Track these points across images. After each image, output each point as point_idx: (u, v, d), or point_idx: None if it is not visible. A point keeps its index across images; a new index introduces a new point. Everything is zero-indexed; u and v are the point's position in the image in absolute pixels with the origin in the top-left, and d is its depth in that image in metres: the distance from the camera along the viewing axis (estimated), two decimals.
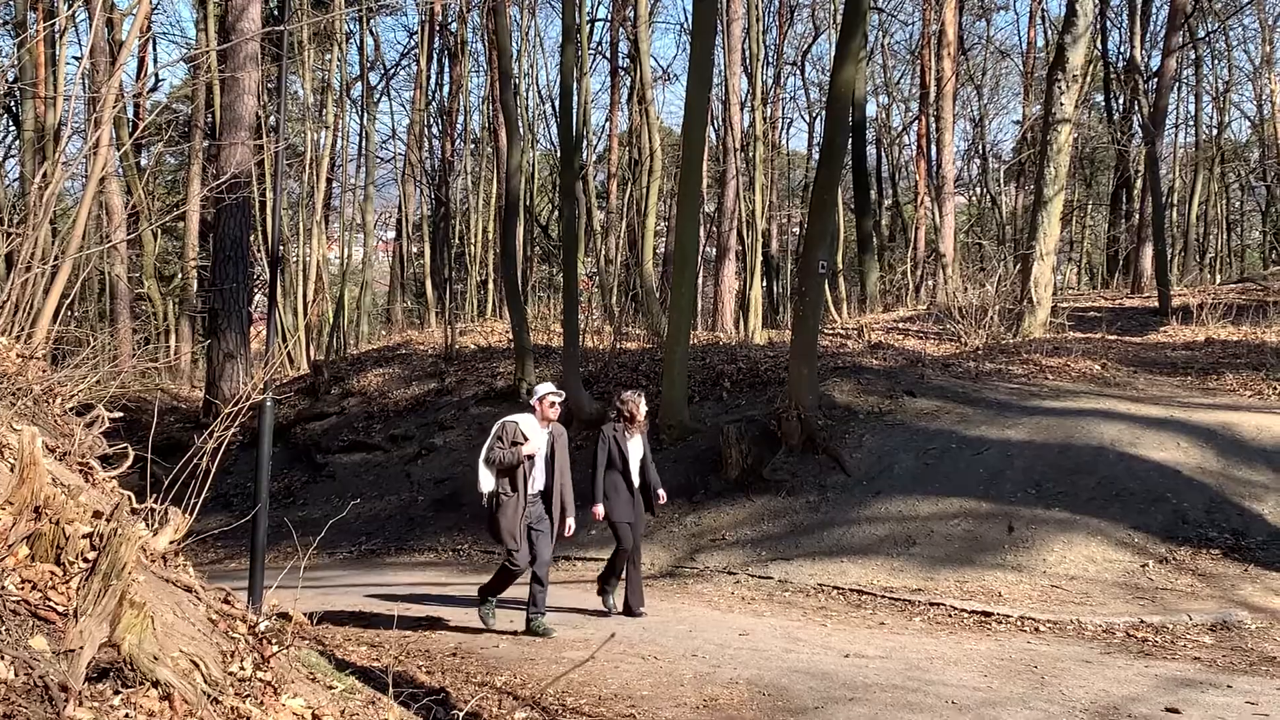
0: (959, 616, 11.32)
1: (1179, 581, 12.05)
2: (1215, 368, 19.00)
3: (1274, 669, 9.14)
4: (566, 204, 22.16)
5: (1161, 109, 33.52)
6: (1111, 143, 40.86)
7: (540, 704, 7.78)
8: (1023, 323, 22.20)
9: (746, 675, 8.68)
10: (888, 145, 46.79)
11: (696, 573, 13.83)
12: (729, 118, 34.00)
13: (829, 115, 17.44)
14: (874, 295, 32.66)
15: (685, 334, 18.34)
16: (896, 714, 7.68)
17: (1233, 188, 51.08)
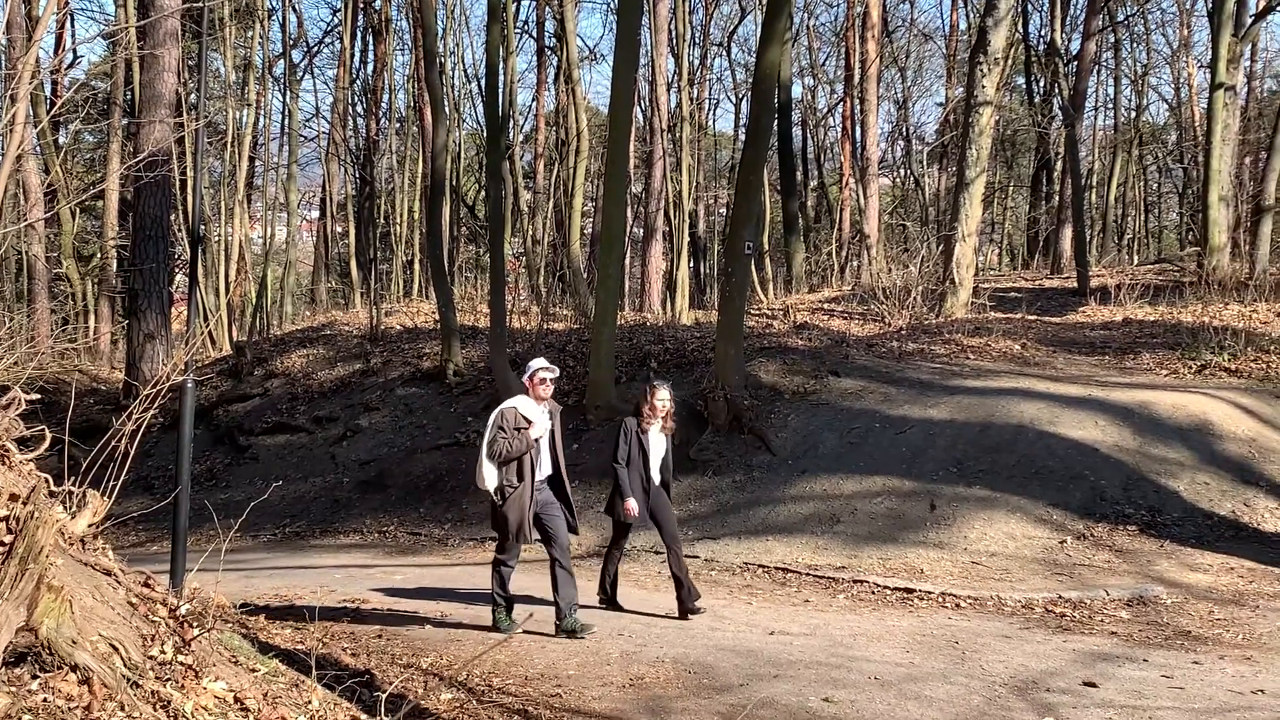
0: (882, 593, 11.46)
1: (1096, 557, 12.28)
2: (1133, 347, 19.33)
3: (1189, 643, 9.34)
4: (493, 184, 22.07)
5: (1081, 92, 34.01)
6: (1032, 125, 41.32)
7: (466, 685, 7.78)
8: (945, 303, 22.44)
9: (673, 654, 8.73)
10: (813, 127, 47.01)
11: (624, 552, 13.84)
12: (656, 98, 34.00)
13: (754, 96, 17.50)
14: (800, 276, 32.84)
15: (612, 315, 18.35)
16: (820, 690, 7.77)
17: (1150, 170, 51.90)
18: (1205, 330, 19.25)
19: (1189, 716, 7.32)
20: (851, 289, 28.62)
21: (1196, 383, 17.01)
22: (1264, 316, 21.06)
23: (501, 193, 21.72)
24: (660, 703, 7.51)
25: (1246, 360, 17.76)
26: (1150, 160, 50.89)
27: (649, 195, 34.28)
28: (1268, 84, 47.07)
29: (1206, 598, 10.83)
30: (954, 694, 7.74)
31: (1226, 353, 18.03)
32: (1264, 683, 8.06)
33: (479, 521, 16.03)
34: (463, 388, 21.20)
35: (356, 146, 45.40)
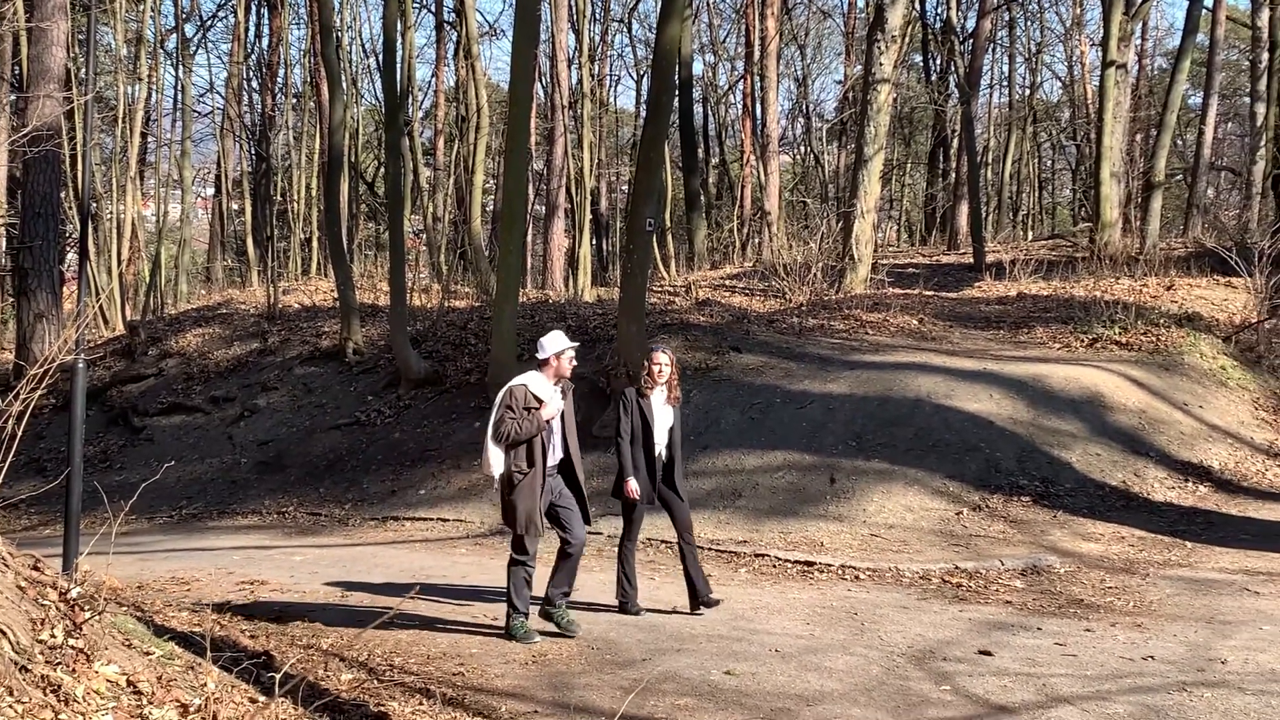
0: (783, 567, 11.55)
1: (992, 528, 12.49)
2: (1027, 321, 19.67)
3: (1081, 611, 9.54)
4: (391, 160, 21.82)
5: (977, 70, 34.47)
6: (929, 103, 41.86)
7: (367, 665, 7.73)
8: (845, 279, 22.64)
9: (577, 630, 8.73)
10: (714, 104, 47.13)
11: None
12: (557, 75, 33.84)
13: (654, 73, 17.49)
14: (702, 253, 32.96)
15: (514, 292, 18.25)
16: (722, 663, 7.83)
17: (1044, 147, 52.79)
18: (1097, 304, 19.64)
19: (1082, 683, 7.47)
20: (753, 265, 28.77)
21: (1088, 356, 17.36)
22: (1154, 290, 21.56)
23: (401, 169, 21.50)
24: (563, 679, 7.52)
25: (1137, 334, 18.15)
26: (1044, 137, 51.77)
27: (551, 172, 34.16)
28: (1158, 62, 48.07)
29: (1098, 566, 11.06)
30: (853, 664, 7.84)
31: (1117, 326, 18.42)
32: (1154, 649, 8.26)
33: (380, 501, 15.93)
34: (362, 366, 20.99)
35: (252, 122, 44.67)
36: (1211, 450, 14.91)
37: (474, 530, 14.09)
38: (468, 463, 16.28)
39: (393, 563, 12.08)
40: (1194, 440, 15.03)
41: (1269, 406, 16.88)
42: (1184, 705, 7.01)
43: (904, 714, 6.87)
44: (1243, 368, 17.75)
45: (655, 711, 6.86)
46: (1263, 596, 9.81)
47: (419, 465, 16.81)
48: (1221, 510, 13.08)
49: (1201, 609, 9.44)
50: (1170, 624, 8.99)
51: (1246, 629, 8.78)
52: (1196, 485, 13.91)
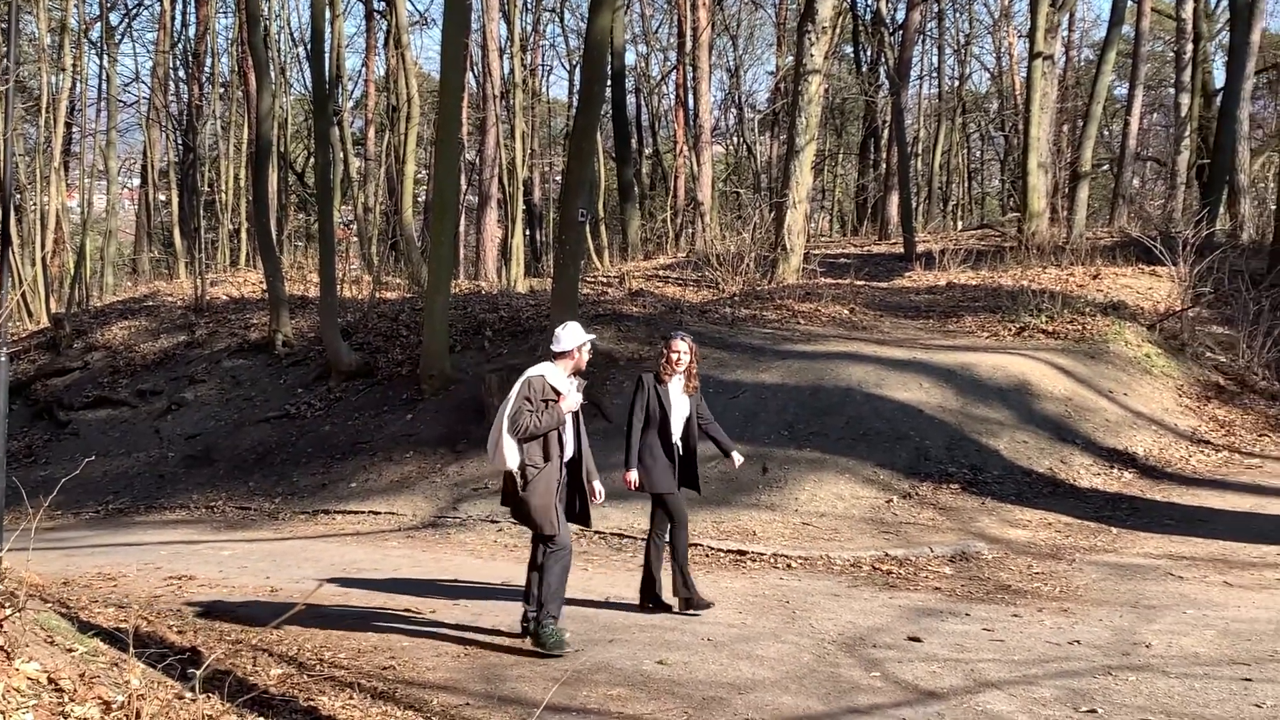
0: (715, 556, 11.58)
1: (921, 515, 12.60)
2: (956, 311, 19.87)
3: (1009, 597, 9.64)
4: (321, 150, 21.61)
5: (906, 61, 34.68)
6: (860, 93, 42.09)
7: (297, 660, 7.67)
8: (777, 269, 22.73)
9: (508, 621, 8.72)
10: (647, 94, 47.14)
11: (459, 522, 13.77)
12: (488, 64, 33.70)
13: (586, 63, 17.44)
14: (635, 243, 32.95)
15: (446, 283, 18.16)
16: (654, 652, 7.84)
17: (973, 137, 53.31)
18: (1024, 293, 19.87)
19: (1009, 668, 7.56)
20: (686, 256, 28.82)
21: (1016, 344, 17.57)
22: (1080, 279, 21.84)
23: (330, 159, 21.30)
24: (495, 671, 7.50)
25: (1063, 322, 18.40)
26: (973, 128, 52.26)
27: (483, 162, 34.00)
28: (1085, 53, 48.67)
29: (1026, 552, 11.19)
30: (784, 652, 7.88)
31: (1044, 315, 18.65)
32: (1080, 633, 8.36)
33: (310, 494, 15.79)
34: (292, 359, 20.80)
35: (179, 112, 44.07)
36: (1136, 437, 15.14)
37: (406, 523, 14.01)
38: (400, 455, 16.19)
39: (323, 556, 11.98)
40: (1119, 427, 15.26)
41: (1192, 394, 17.17)
42: (1109, 689, 7.11)
43: (834, 701, 6.92)
44: (1167, 355, 18.04)
45: (587, 702, 6.85)
46: (1186, 581, 9.96)
47: (350, 458, 16.70)
48: (1146, 496, 13.28)
49: (1126, 594, 9.58)
50: (1096, 609, 9.11)
51: (1170, 613, 8.92)
52: (1122, 471, 14.12)
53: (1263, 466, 14.61)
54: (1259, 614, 8.82)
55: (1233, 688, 7.10)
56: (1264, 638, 8.17)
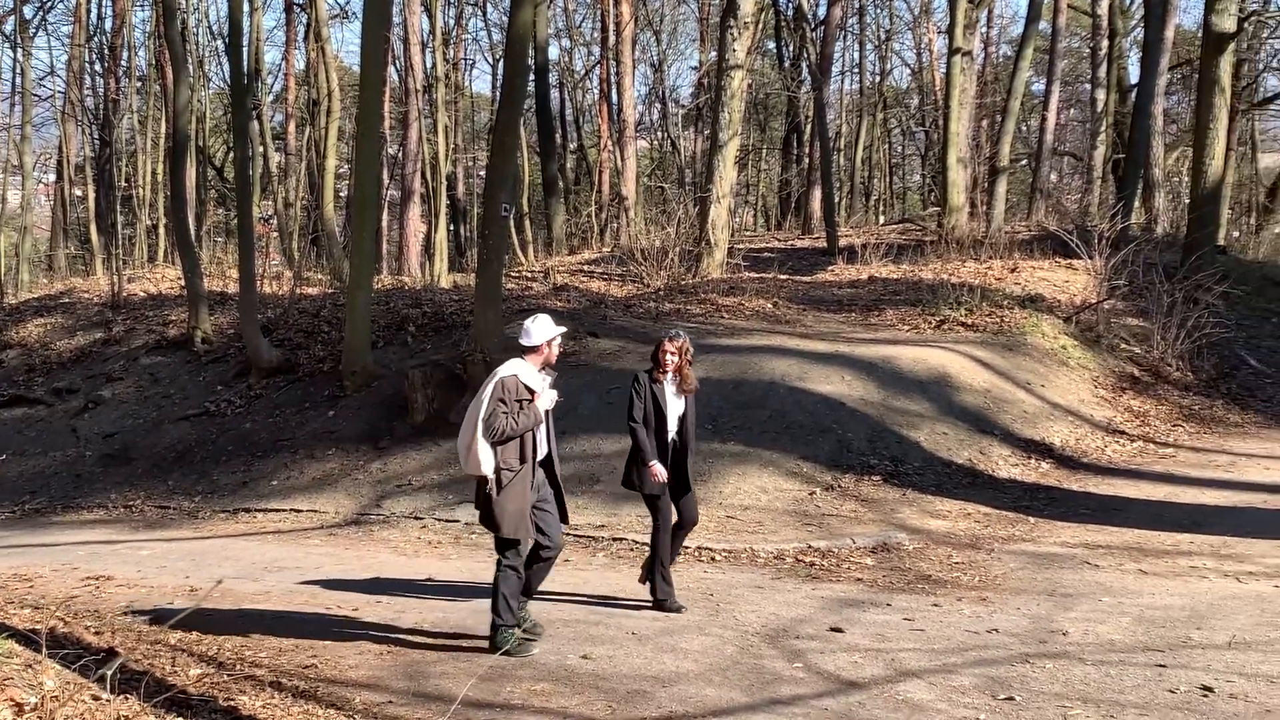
0: (641, 550, 11.58)
1: (844, 507, 12.70)
2: (877, 304, 20.05)
3: (929, 587, 9.76)
4: (239, 145, 21.34)
5: (828, 56, 34.87)
6: (783, 89, 42.27)
7: (217, 659, 7.58)
8: (701, 264, 22.78)
9: (432, 618, 8.70)
10: (571, 89, 47.00)
11: (383, 519, 13.69)
12: (410, 58, 33.47)
13: (508, 57, 17.41)
14: (560, 238, 32.91)
15: (368, 278, 18.04)
16: (579, 647, 7.85)
17: (895, 133, 53.76)
18: (944, 287, 20.09)
19: (929, 657, 7.65)
20: (611, 250, 28.82)
21: (936, 337, 17.76)
22: (998, 273, 22.12)
23: (249, 154, 21.06)
24: (419, 668, 7.47)
25: (982, 315, 18.63)
26: (894, 123, 52.72)
27: (406, 157, 33.78)
28: (1003, 49, 49.25)
29: (945, 543, 11.33)
30: (708, 645, 7.92)
31: (963, 308, 18.87)
32: (998, 622, 8.49)
33: (231, 492, 15.62)
34: (211, 355, 20.55)
35: (95, 106, 43.32)
36: (1053, 428, 15.37)
37: (328, 521, 13.90)
38: (322, 452, 16.06)
39: (244, 555, 11.87)
40: (1037, 418, 15.48)
41: (1108, 385, 17.47)
42: (1027, 676, 7.22)
43: (757, 692, 6.97)
44: (1083, 347, 18.33)
45: (511, 698, 6.85)
46: (1102, 569, 10.14)
47: (271, 455, 16.53)
48: (1063, 486, 13.50)
49: (1044, 582, 9.73)
50: (1014, 597, 9.25)
51: (1086, 601, 9.07)
52: (1039, 462, 14.34)
53: (1176, 456, 14.90)
54: (1173, 601, 9.00)
55: (1147, 674, 7.24)
56: (1177, 624, 8.33)
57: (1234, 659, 7.50)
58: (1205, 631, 8.13)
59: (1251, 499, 12.64)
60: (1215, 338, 19.04)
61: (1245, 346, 20.40)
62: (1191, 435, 16.12)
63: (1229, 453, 15.03)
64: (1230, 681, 7.05)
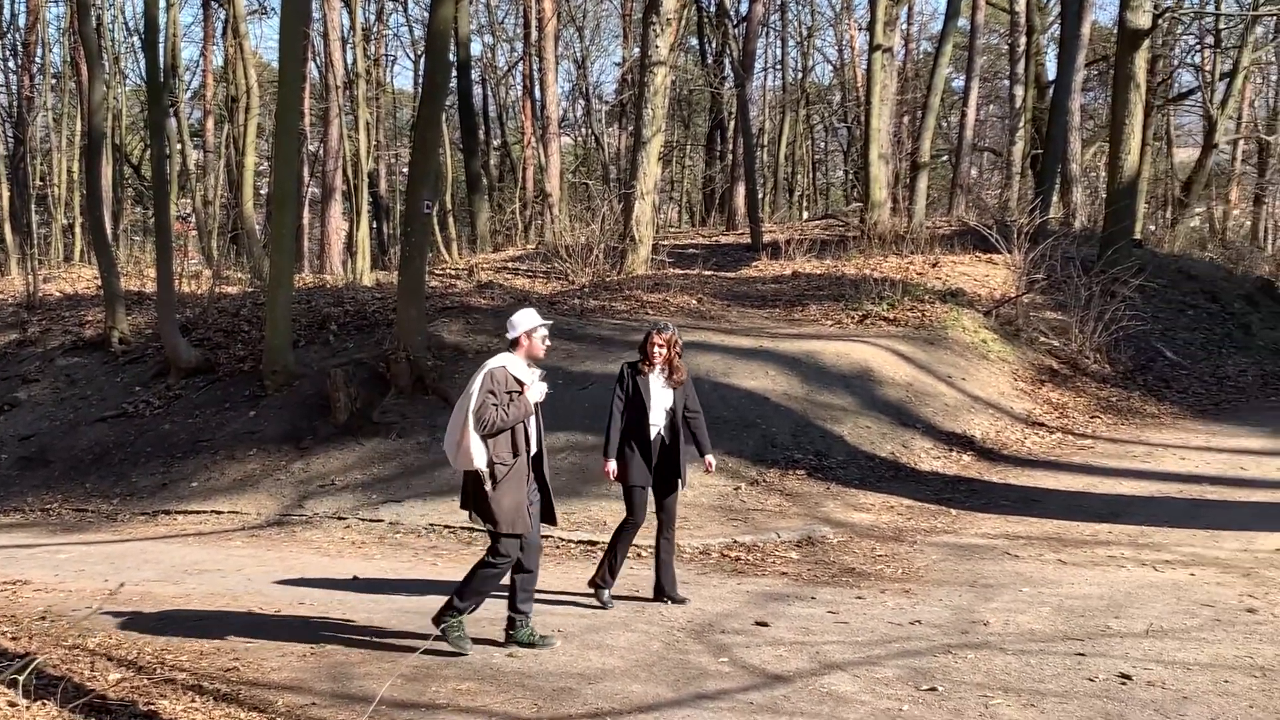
0: (567, 548, 11.60)
1: (769, 502, 12.77)
2: (801, 300, 20.17)
3: (853, 579, 9.84)
4: (156, 142, 20.99)
5: (751, 53, 35.03)
6: (706, 85, 42.39)
7: (136, 663, 7.47)
8: (626, 260, 22.78)
9: (356, 619, 8.63)
10: (494, 85, 46.81)
11: (306, 520, 13.55)
12: (330, 55, 33.14)
13: (430, 53, 17.32)
14: (484, 235, 32.76)
15: (288, 277, 17.85)
16: (504, 646, 7.82)
17: (817, 129, 54.09)
18: (867, 282, 20.27)
19: (853, 649, 7.72)
20: (535, 247, 28.73)
21: (859, 332, 17.91)
22: (920, 268, 22.34)
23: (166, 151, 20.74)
24: (342, 669, 7.40)
25: (903, 309, 18.81)
26: (817, 120, 53.05)
27: (327, 154, 33.51)
28: (923, 46, 49.73)
29: (869, 535, 11.43)
30: (634, 641, 7.93)
31: (885, 303, 19.05)
32: (921, 613, 8.58)
33: (150, 494, 15.39)
34: (129, 356, 20.21)
35: (9, 104, 42.53)
36: (974, 420, 15.57)
37: (250, 522, 13.73)
38: (243, 453, 15.86)
39: (164, 558, 11.69)
40: (958, 411, 15.67)
41: (1027, 377, 17.71)
42: (949, 667, 7.31)
43: (683, 688, 6.98)
44: (1003, 341, 18.57)
45: (436, 698, 6.81)
46: (1022, 560, 10.28)
47: (191, 457, 16.29)
48: (984, 478, 13.67)
49: (965, 573, 9.85)
50: (936, 589, 9.35)
51: (1007, 591, 9.20)
52: (960, 454, 14.51)
53: (1094, 447, 15.15)
54: (1091, 590, 9.15)
55: (1067, 662, 7.35)
56: (1096, 613, 8.47)
57: (1151, 647, 7.64)
58: (1123, 620, 8.28)
59: (1167, 489, 12.89)
60: (1132, 330, 19.38)
61: (1161, 339, 20.79)
62: (1109, 426, 16.40)
63: (1146, 443, 15.31)
64: (1148, 669, 7.18)
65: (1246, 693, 6.75)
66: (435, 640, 7.58)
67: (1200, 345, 21.54)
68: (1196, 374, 19.90)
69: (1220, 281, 25.75)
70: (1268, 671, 7.11)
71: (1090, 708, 6.55)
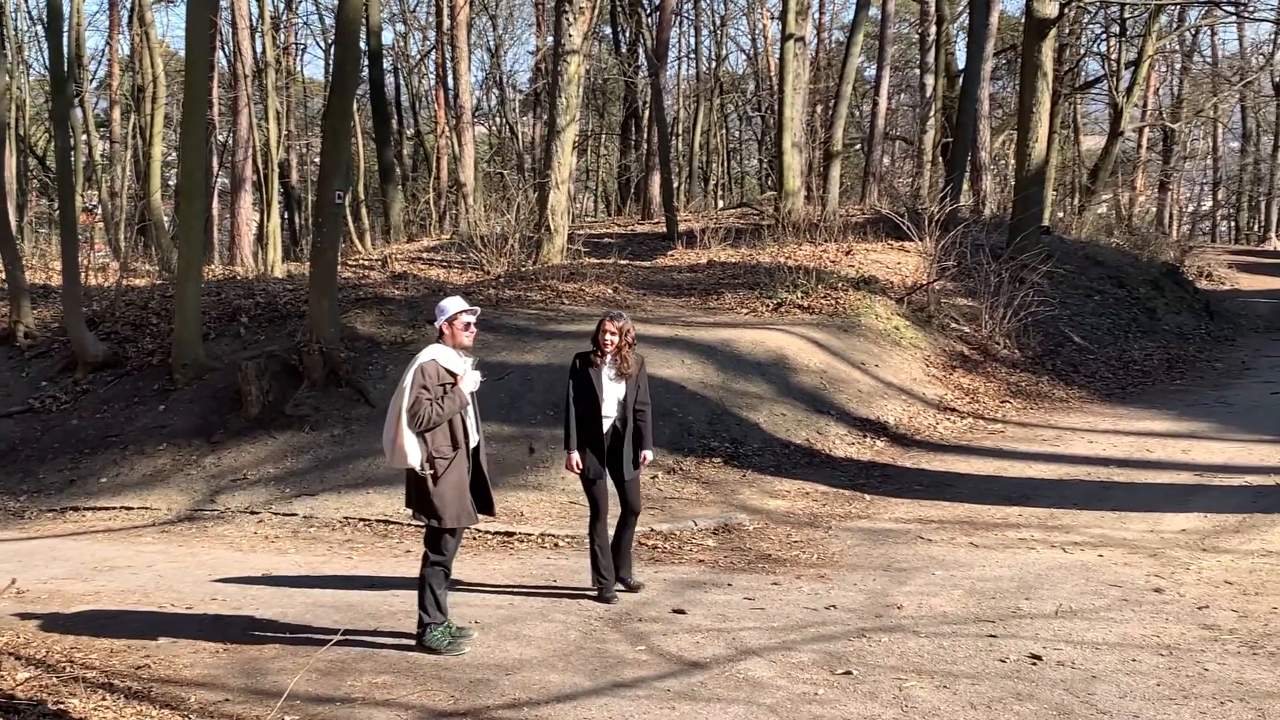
0: (483, 539, 11.54)
1: (686, 490, 12.83)
2: (716, 288, 20.24)
3: (769, 566, 9.91)
4: (60, 133, 20.58)
5: (664, 42, 35.09)
6: (620, 74, 42.38)
7: (45, 662, 7.34)
8: (542, 250, 22.71)
9: (269, 614, 8.53)
10: (406, 74, 46.43)
11: (218, 515, 13.37)
12: (238, 43, 32.66)
13: (339, 42, 17.14)
14: (398, 225, 32.52)
15: (197, 268, 17.59)
16: None
17: (732, 118, 54.36)
18: (781, 270, 20.38)
19: (769, 635, 7.77)
20: (450, 238, 28.57)
21: (774, 320, 18.02)
22: (833, 255, 22.53)
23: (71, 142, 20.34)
24: (256, 665, 7.32)
25: (817, 297, 18.96)
26: (731, 109, 53.29)
27: (236, 144, 33.02)
28: (835, 35, 50.14)
29: (785, 522, 11.51)
30: (552, 631, 7.93)
31: (800, 291, 19.18)
32: (835, 598, 8.67)
33: (58, 491, 15.10)
34: (35, 350, 19.80)
35: None
36: (887, 406, 15.73)
37: (161, 518, 13.53)
38: (153, 448, 15.62)
39: (73, 555, 11.48)
40: (871, 397, 15.82)
41: (938, 363, 17.93)
42: (863, 650, 7.39)
43: (601, 676, 6.99)
44: (915, 327, 18.78)
45: (352, 691, 6.76)
46: (934, 543, 10.42)
47: (100, 452, 16.01)
48: (897, 463, 13.83)
49: (879, 558, 9.96)
50: (851, 574, 9.45)
51: (920, 575, 9.31)
52: (874, 440, 14.66)
53: (1004, 431, 15.38)
54: (1002, 572, 9.30)
55: (979, 644, 7.47)
56: (1007, 595, 8.61)
57: (1061, 627, 7.78)
58: (1033, 601, 8.42)
59: (1076, 471, 13.12)
60: (1041, 316, 19.69)
61: (1069, 324, 21.14)
62: (1019, 411, 16.65)
63: (1054, 427, 15.57)
64: (1058, 649, 7.31)
65: (1153, 671, 6.90)
66: (417, 650, 7.52)
67: (1107, 330, 21.93)
68: (1103, 358, 20.26)
69: (1126, 267, 26.23)
70: (1174, 650, 7.27)
71: (1001, 688, 6.66)
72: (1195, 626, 7.75)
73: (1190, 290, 27.25)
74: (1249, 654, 7.18)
